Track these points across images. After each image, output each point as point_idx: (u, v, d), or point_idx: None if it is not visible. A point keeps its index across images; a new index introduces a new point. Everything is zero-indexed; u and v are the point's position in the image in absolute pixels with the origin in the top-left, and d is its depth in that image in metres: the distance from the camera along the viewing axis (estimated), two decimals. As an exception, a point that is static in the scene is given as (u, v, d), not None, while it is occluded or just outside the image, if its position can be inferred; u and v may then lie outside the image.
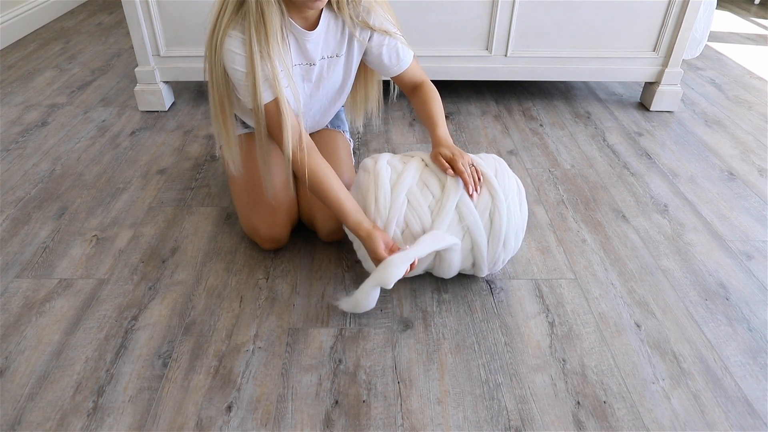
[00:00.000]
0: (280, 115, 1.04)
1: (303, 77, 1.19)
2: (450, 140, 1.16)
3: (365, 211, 1.09)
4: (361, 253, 1.15)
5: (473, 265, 1.14)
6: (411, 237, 1.08)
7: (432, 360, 1.05)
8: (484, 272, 1.16)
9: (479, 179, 1.08)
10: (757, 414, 0.96)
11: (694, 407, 0.97)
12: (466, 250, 1.10)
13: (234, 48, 1.02)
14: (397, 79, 1.25)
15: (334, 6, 1.11)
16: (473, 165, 1.10)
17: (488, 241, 1.09)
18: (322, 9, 1.11)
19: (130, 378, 1.00)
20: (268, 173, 1.15)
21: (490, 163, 1.15)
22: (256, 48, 1.00)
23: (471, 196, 1.07)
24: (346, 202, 1.08)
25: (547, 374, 1.02)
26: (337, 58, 1.20)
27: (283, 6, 1.04)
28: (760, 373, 1.03)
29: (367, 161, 1.17)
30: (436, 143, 1.15)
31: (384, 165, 1.12)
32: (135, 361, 1.03)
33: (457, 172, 1.07)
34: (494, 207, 1.07)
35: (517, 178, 1.15)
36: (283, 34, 1.05)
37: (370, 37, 1.17)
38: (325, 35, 1.14)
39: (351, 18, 1.13)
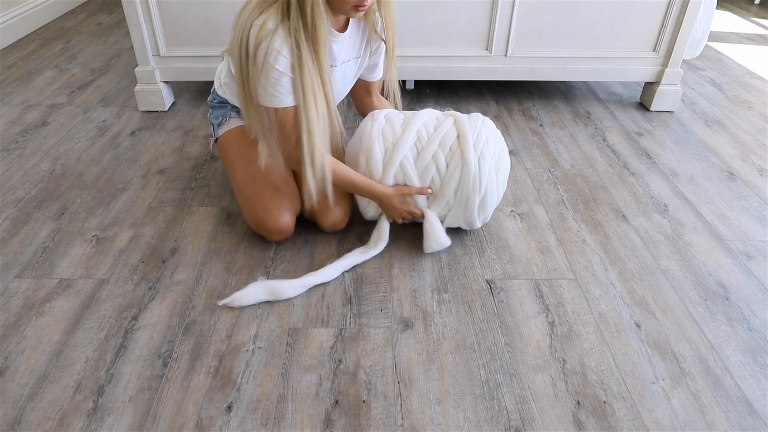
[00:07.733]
0: (295, 123, 1.10)
1: None
2: None
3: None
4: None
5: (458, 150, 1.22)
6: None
7: (432, 360, 1.05)
8: (472, 155, 1.19)
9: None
10: (757, 414, 0.96)
11: (694, 407, 0.97)
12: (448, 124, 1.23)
13: (277, 46, 1.01)
14: (364, 84, 1.37)
15: None
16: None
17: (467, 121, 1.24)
18: None
19: (130, 378, 1.00)
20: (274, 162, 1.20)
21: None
22: (307, 56, 1.02)
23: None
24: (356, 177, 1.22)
25: (547, 374, 1.02)
26: (355, 60, 1.24)
27: None
28: (760, 373, 1.03)
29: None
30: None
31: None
32: (135, 361, 1.03)
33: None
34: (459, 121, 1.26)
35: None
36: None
37: (378, 47, 1.26)
38: (350, 38, 1.18)
39: (373, 25, 1.20)
